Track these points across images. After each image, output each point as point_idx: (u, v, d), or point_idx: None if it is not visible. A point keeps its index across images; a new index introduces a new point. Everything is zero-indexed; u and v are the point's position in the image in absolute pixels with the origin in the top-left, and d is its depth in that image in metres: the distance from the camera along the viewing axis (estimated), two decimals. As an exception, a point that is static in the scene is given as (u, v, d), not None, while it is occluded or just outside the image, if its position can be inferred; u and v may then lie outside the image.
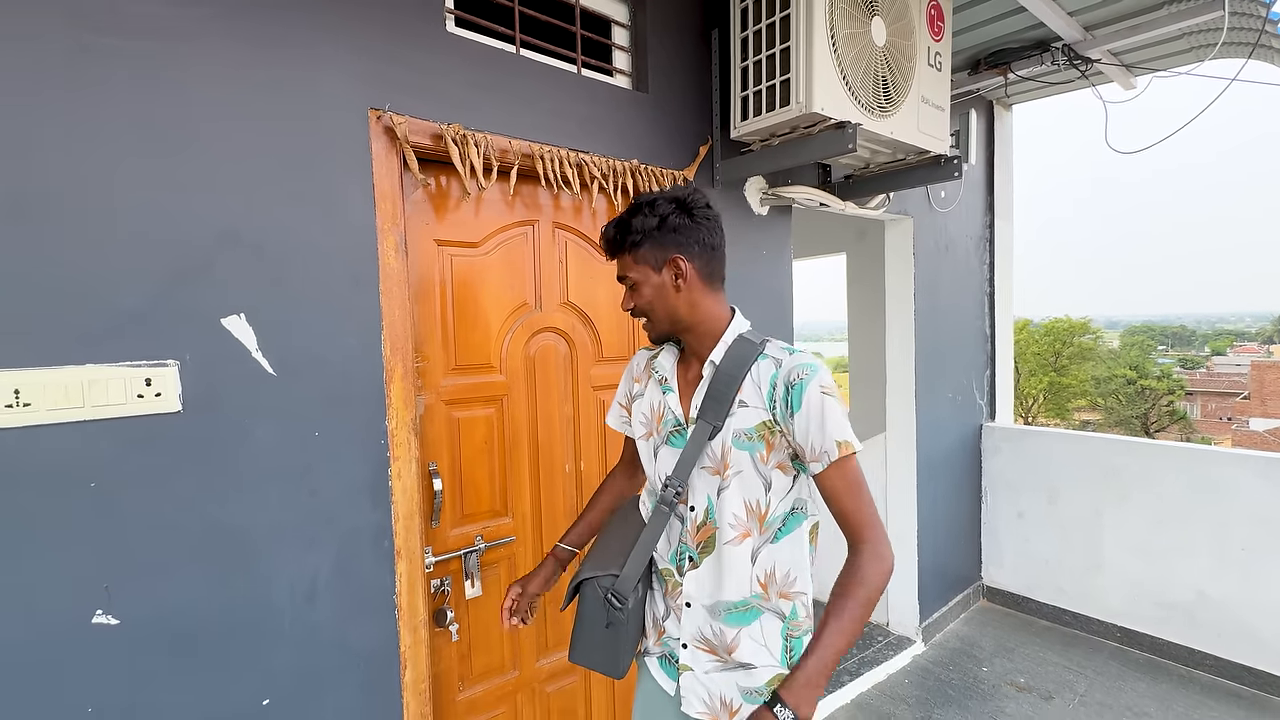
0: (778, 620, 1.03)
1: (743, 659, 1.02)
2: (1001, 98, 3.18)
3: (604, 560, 1.10)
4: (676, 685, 1.07)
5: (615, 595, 1.05)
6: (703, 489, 1.03)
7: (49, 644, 0.97)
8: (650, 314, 1.05)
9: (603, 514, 1.28)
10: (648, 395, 1.14)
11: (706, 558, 1.03)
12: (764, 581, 1.02)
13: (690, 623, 1.05)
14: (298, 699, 1.19)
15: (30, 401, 0.94)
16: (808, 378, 0.96)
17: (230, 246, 1.11)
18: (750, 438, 0.99)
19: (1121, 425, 27.69)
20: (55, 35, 0.95)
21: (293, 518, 1.18)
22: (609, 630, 1.06)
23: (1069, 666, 2.65)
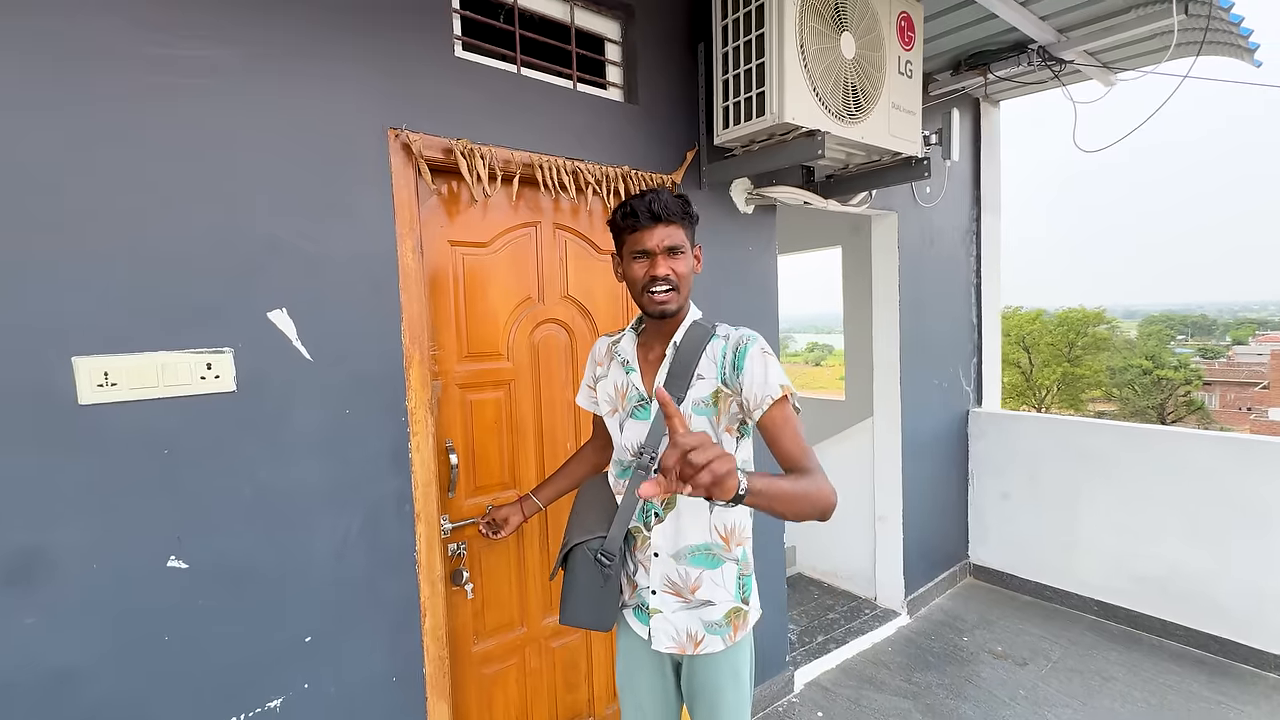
0: (734, 565, 1.23)
1: (704, 597, 1.20)
2: (990, 95, 3.30)
3: (588, 526, 1.26)
4: (648, 629, 1.24)
5: (604, 554, 1.21)
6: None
7: (134, 583, 1.17)
8: (680, 285, 1.16)
9: (570, 479, 1.48)
10: (611, 376, 1.30)
11: (670, 512, 1.20)
12: (725, 534, 1.21)
13: (658, 570, 1.22)
14: (334, 637, 1.39)
15: (117, 382, 1.14)
16: (749, 343, 1.15)
17: (274, 251, 1.30)
18: (707, 404, 1.16)
19: (1137, 416, 27.42)
20: (133, 76, 1.14)
21: (328, 483, 1.38)
22: (600, 588, 1.22)
23: (1045, 636, 2.80)
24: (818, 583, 3.40)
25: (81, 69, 1.10)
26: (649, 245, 1.14)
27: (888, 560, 3.06)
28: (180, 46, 1.19)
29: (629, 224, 1.16)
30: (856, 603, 3.13)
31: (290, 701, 1.34)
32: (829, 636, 2.79)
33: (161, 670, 1.20)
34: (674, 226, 1.15)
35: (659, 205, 1.13)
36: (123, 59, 1.14)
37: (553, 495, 1.50)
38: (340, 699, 1.41)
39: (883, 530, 3.08)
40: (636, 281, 1.18)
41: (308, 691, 1.36)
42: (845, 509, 3.29)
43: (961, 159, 3.22)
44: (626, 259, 1.20)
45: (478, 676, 1.73)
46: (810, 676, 2.54)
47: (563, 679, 1.93)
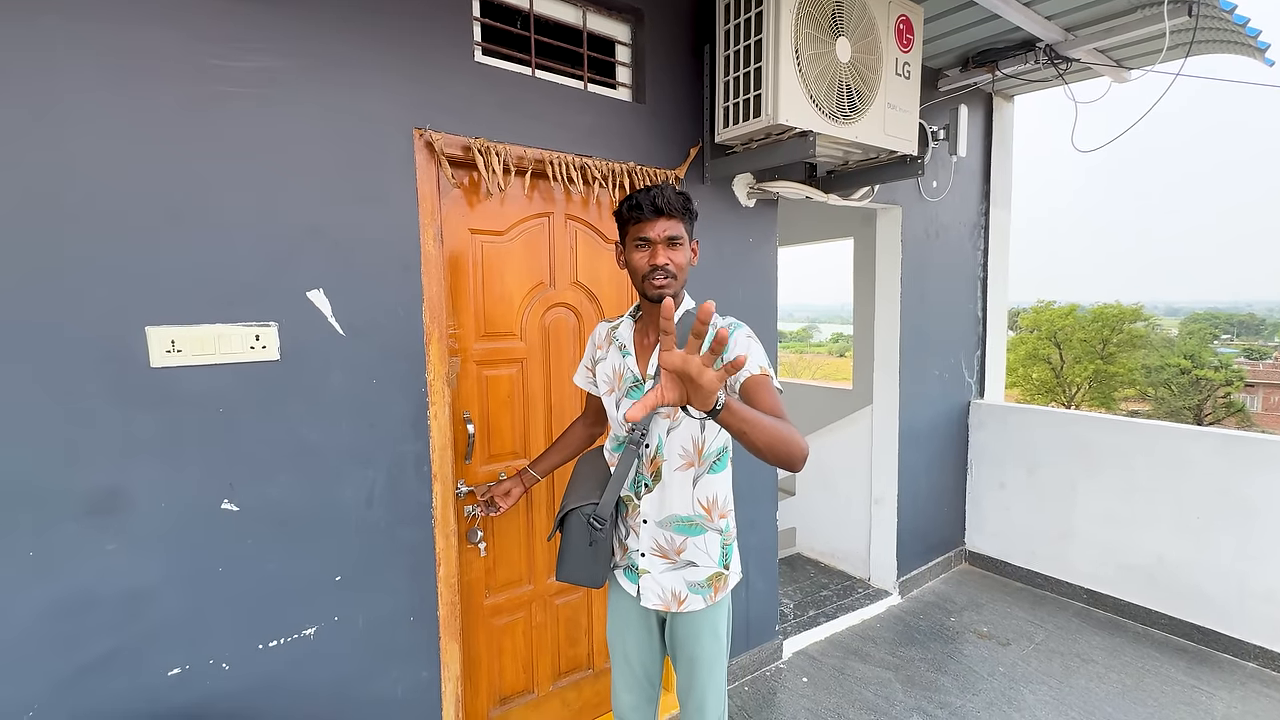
0: (717, 535, 1.37)
1: (689, 558, 1.35)
2: (1001, 90, 3.33)
3: (583, 494, 1.39)
4: (637, 587, 1.38)
5: (596, 519, 1.35)
6: (655, 430, 1.33)
7: (195, 520, 1.37)
8: (678, 275, 1.26)
9: (563, 453, 1.64)
10: (610, 359, 1.42)
11: (658, 484, 1.34)
12: (707, 506, 1.35)
13: (647, 535, 1.36)
14: (361, 578, 1.59)
15: (182, 349, 1.33)
16: (735, 329, 1.29)
17: (312, 237, 1.48)
18: None
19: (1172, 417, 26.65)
20: (198, 84, 1.32)
21: (357, 442, 1.56)
22: (591, 548, 1.36)
23: (1032, 620, 2.91)
24: (815, 562, 3.54)
25: (153, 77, 1.28)
26: (651, 235, 1.24)
27: (882, 543, 3.18)
28: (236, 58, 1.37)
29: (634, 215, 1.26)
30: (850, 582, 3.26)
31: (323, 631, 1.55)
32: (820, 611, 2.93)
33: (216, 596, 1.40)
34: (675, 220, 1.25)
35: (662, 200, 1.23)
36: (189, 69, 1.31)
37: (548, 468, 1.66)
38: (366, 632, 1.61)
39: (878, 514, 3.20)
40: (638, 269, 1.27)
41: (338, 623, 1.56)
42: (843, 492, 3.41)
43: (971, 154, 3.27)
44: (630, 247, 1.29)
45: (488, 626, 1.93)
46: (799, 646, 2.70)
47: (565, 634, 2.11)
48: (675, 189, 1.26)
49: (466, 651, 1.86)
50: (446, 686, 1.75)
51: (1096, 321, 27.16)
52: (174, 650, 1.37)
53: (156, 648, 1.35)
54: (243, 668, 1.44)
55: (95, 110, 1.23)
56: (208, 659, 1.40)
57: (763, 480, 2.51)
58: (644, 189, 1.26)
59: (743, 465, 2.36)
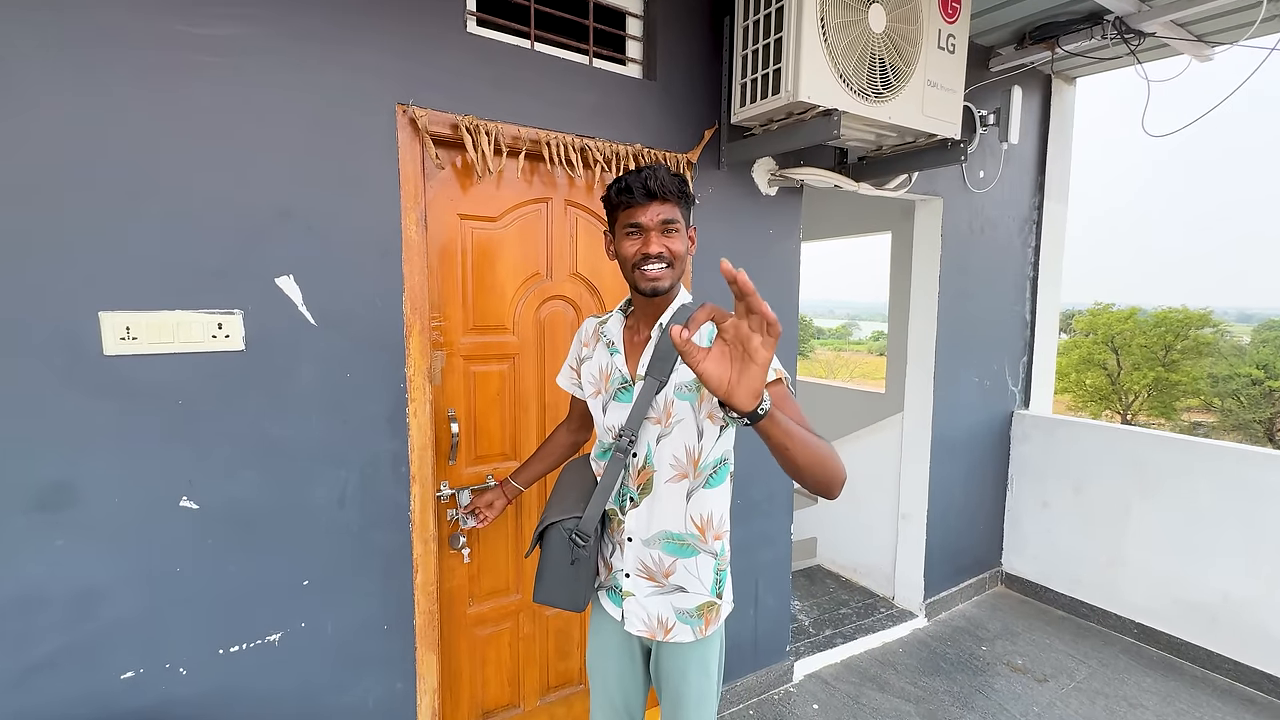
0: (710, 558, 1.20)
1: (679, 583, 1.19)
2: (1062, 71, 3.03)
3: (565, 506, 1.24)
4: (621, 611, 1.24)
5: (579, 535, 1.19)
6: (644, 438, 1.18)
7: (150, 518, 1.30)
8: (674, 263, 1.13)
9: (546, 462, 1.50)
10: (596, 358, 1.28)
11: (645, 498, 1.19)
12: (701, 525, 1.18)
13: (631, 554, 1.21)
14: (331, 583, 1.50)
15: (138, 336, 1.25)
16: None
17: (283, 220, 1.38)
18: (690, 389, 1.14)
19: (1240, 430, 24.92)
20: (159, 53, 1.23)
21: (328, 439, 1.47)
22: (573, 567, 1.20)
23: (1073, 655, 2.65)
24: (835, 576, 3.34)
25: (110, 45, 1.19)
26: (643, 220, 1.11)
27: (908, 560, 2.97)
28: (204, 25, 1.27)
29: (623, 200, 1.12)
30: (873, 600, 3.05)
31: (288, 637, 1.46)
32: (837, 631, 2.74)
33: (173, 597, 1.33)
34: (669, 204, 1.12)
35: (655, 182, 1.09)
36: (149, 36, 1.22)
37: (530, 478, 1.52)
38: (335, 640, 1.52)
39: (905, 529, 2.98)
40: (628, 258, 1.14)
41: (304, 630, 1.48)
42: (869, 504, 3.20)
43: (1025, 141, 2.99)
44: (620, 235, 1.16)
45: (471, 636, 1.82)
46: (812, 669, 2.52)
47: (555, 647, 1.99)
48: (669, 170, 1.13)
49: (446, 663, 1.76)
50: (423, 699, 1.65)
51: (1159, 326, 25.53)
52: (128, 652, 1.30)
53: (109, 649, 1.28)
54: (201, 673, 1.37)
55: (45, 78, 1.14)
56: (164, 663, 1.33)
57: (778, 489, 2.34)
58: (634, 170, 1.13)
59: (756, 472, 2.19)
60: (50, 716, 1.23)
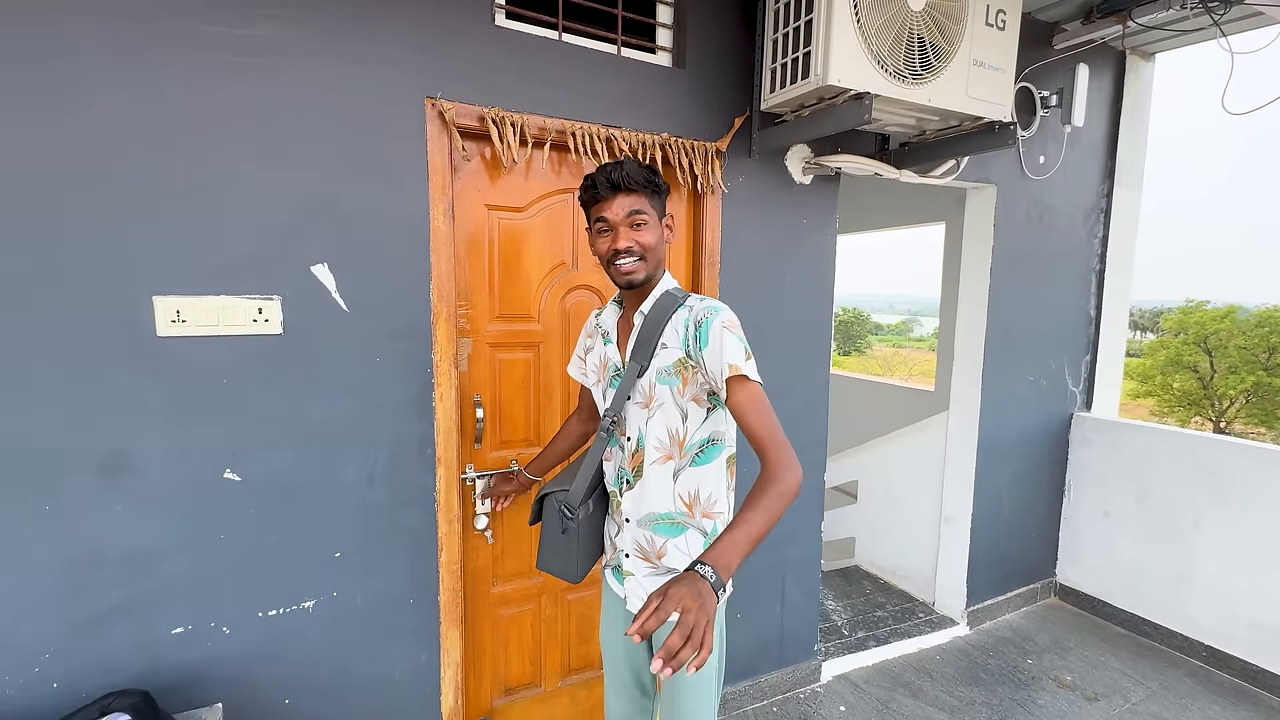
0: (700, 536, 1.22)
1: (670, 564, 1.22)
2: (1138, 46, 2.79)
3: (562, 480, 1.34)
4: (624, 589, 1.28)
5: (566, 507, 1.28)
6: (635, 421, 1.22)
7: (198, 487, 1.40)
8: (648, 255, 1.15)
9: (557, 452, 1.56)
10: (596, 349, 1.34)
11: (639, 480, 1.22)
12: (688, 502, 1.21)
13: (629, 535, 1.26)
14: (361, 556, 1.58)
15: (187, 319, 1.35)
16: (712, 316, 1.11)
17: (318, 210, 1.45)
18: (669, 373, 1.16)
19: (1356, 442, 22.40)
20: (201, 54, 1.32)
21: (359, 420, 1.54)
22: (564, 537, 1.29)
23: (1130, 674, 2.48)
24: (873, 578, 3.24)
25: (162, 47, 1.28)
26: (609, 215, 1.13)
27: (951, 565, 2.84)
28: (244, 26, 1.35)
29: (589, 195, 1.15)
30: (911, 604, 2.95)
31: (320, 605, 1.55)
32: (870, 634, 2.67)
33: (218, 561, 1.44)
34: (636, 195, 1.13)
35: (619, 175, 1.11)
36: (197, 39, 1.31)
37: (542, 468, 1.59)
38: (364, 610, 1.60)
39: (948, 532, 2.85)
40: (602, 255, 1.18)
41: (336, 599, 1.57)
42: (910, 505, 3.09)
43: (1093, 123, 2.78)
44: (592, 231, 1.19)
45: (494, 615, 1.88)
46: (841, 670, 2.46)
47: (576, 630, 2.03)
48: (636, 161, 1.15)
49: (469, 639, 1.82)
50: (446, 672, 1.72)
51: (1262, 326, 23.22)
52: (178, 609, 1.41)
53: (161, 606, 1.40)
54: (242, 633, 1.48)
55: (103, 80, 1.25)
56: (209, 621, 1.44)
57: (808, 486, 2.29)
58: (601, 165, 1.15)
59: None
60: (110, 661, 1.35)
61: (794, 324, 2.18)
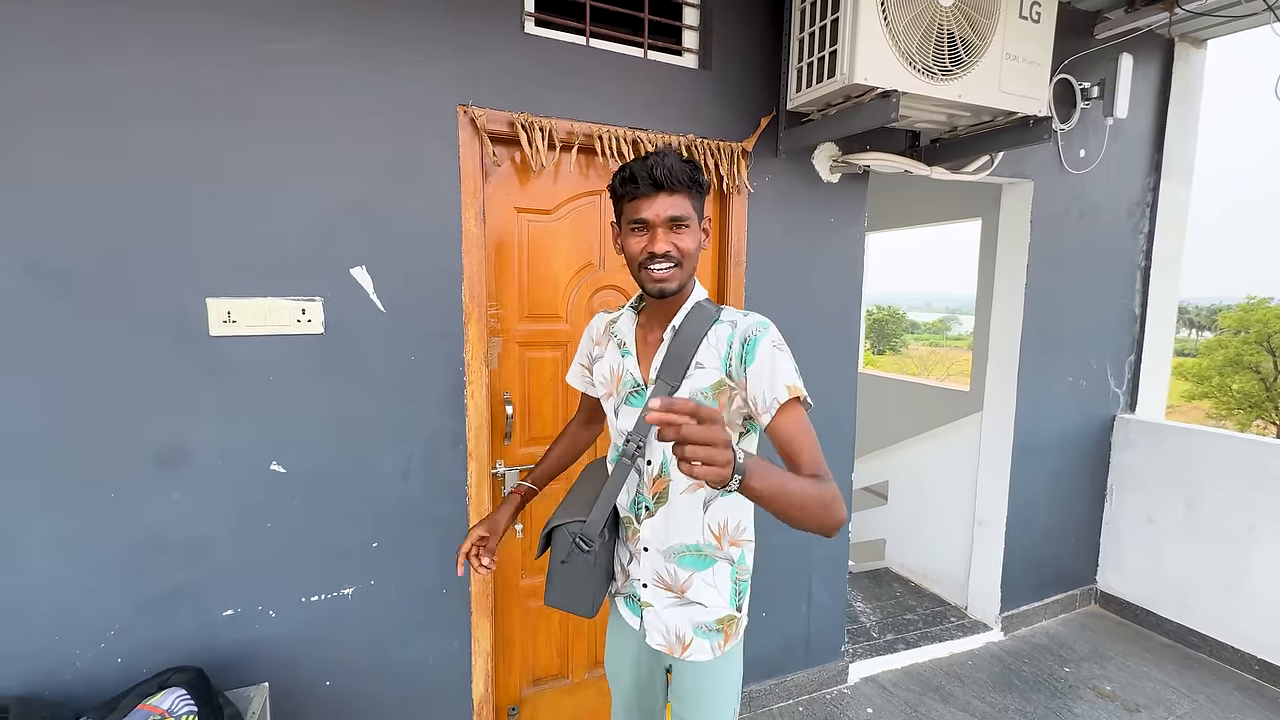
0: (728, 565, 1.14)
1: (695, 597, 1.12)
2: (1188, 33, 2.68)
3: (573, 509, 1.17)
4: (640, 620, 1.17)
5: (583, 539, 1.11)
6: (659, 445, 1.09)
7: (247, 478, 1.49)
8: (684, 261, 1.04)
9: (558, 460, 1.40)
10: (607, 358, 1.20)
11: (661, 507, 1.11)
12: (718, 533, 1.12)
13: (648, 565, 1.15)
14: (396, 547, 1.65)
15: (236, 319, 1.43)
16: (760, 334, 1.02)
17: (357, 215, 1.52)
18: (706, 396, 1.05)
19: None
20: (250, 67, 1.40)
21: (395, 416, 1.61)
22: (578, 570, 1.13)
23: (1175, 686, 2.39)
24: (903, 580, 3.19)
25: (213, 63, 1.37)
26: (648, 216, 1.01)
27: (984, 568, 2.78)
28: (289, 40, 1.42)
29: (627, 191, 1.03)
30: (942, 608, 2.90)
31: (359, 592, 1.63)
32: (899, 636, 2.63)
33: (264, 549, 1.52)
34: (679, 196, 1.01)
35: (661, 170, 0.98)
36: (241, 53, 1.39)
37: (543, 477, 1.40)
38: (399, 599, 1.67)
39: (982, 536, 2.79)
40: (634, 257, 1.05)
41: (373, 587, 1.64)
42: (942, 507, 3.04)
43: (1138, 114, 2.68)
44: (624, 229, 1.07)
45: (523, 608, 1.93)
46: (869, 672, 2.44)
47: (603, 626, 2.07)
48: (679, 155, 1.02)
49: (499, 629, 1.88)
50: (477, 660, 1.78)
51: (1333, 324, 21.83)
52: (228, 592, 1.50)
53: (214, 588, 1.49)
54: (288, 616, 1.56)
55: (161, 95, 1.33)
56: (257, 604, 1.53)
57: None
58: (640, 157, 1.03)
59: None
60: (167, 641, 1.45)
61: (822, 324, 2.17)
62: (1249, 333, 22.00)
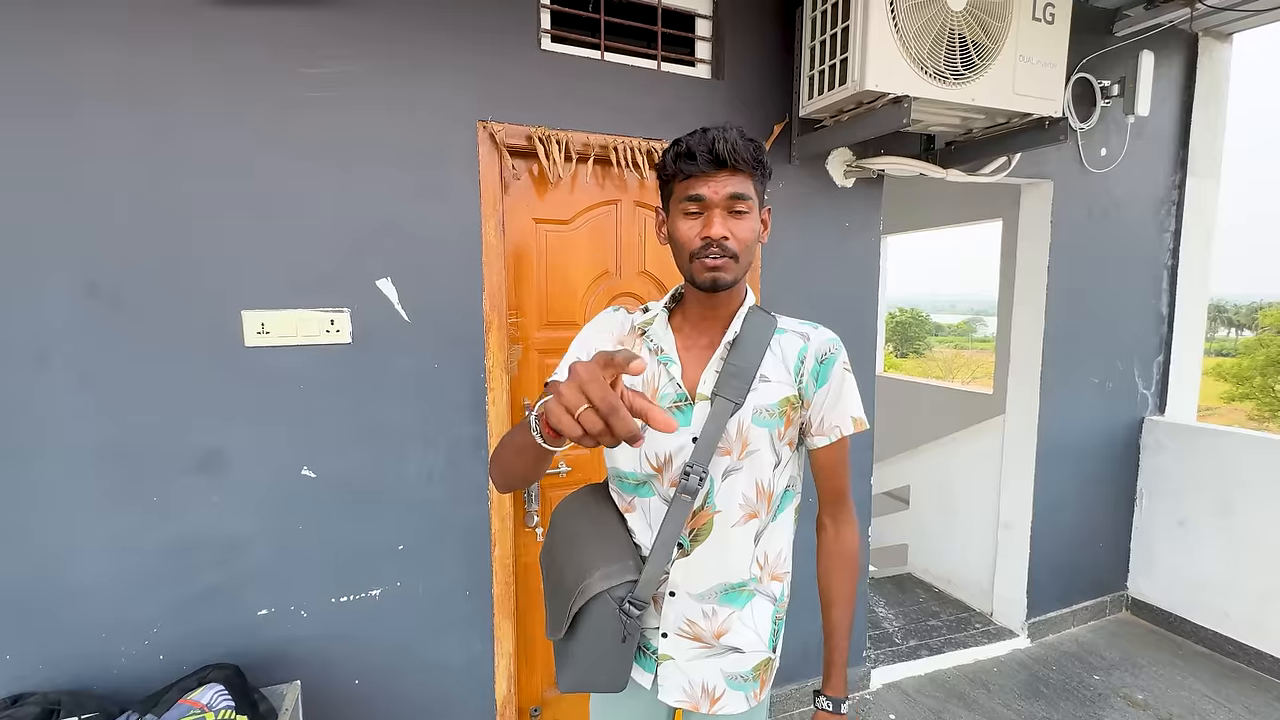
0: (769, 603, 1.00)
1: (732, 643, 0.98)
2: (1211, 27, 2.64)
3: (605, 566, 0.92)
4: (654, 676, 1.00)
5: (633, 603, 0.91)
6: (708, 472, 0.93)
7: (280, 483, 1.55)
8: (741, 253, 0.89)
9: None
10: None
11: (699, 545, 0.95)
12: (762, 564, 0.99)
13: (673, 611, 0.97)
14: (421, 550, 1.70)
15: (270, 330, 1.50)
16: (836, 353, 0.96)
17: (382, 229, 1.58)
18: (771, 414, 0.93)
19: None
20: (285, 91, 1.47)
21: (419, 422, 1.66)
22: (624, 645, 0.92)
23: (1211, 697, 2.32)
24: (927, 586, 3.15)
25: (250, 88, 1.44)
26: (706, 193, 0.87)
27: (1009, 574, 2.74)
28: (319, 64, 1.49)
29: (682, 168, 0.88)
30: (967, 614, 2.86)
31: (387, 593, 1.68)
32: (923, 643, 2.61)
33: (296, 551, 1.58)
34: (741, 175, 0.87)
35: (723, 145, 0.84)
36: (280, 79, 1.46)
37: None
38: (425, 600, 1.72)
39: (1007, 541, 2.75)
40: (685, 243, 0.89)
41: (400, 589, 1.69)
42: (965, 512, 3.00)
43: (1161, 111, 2.64)
44: (675, 212, 0.91)
45: (545, 607, 1.97)
46: (891, 678, 2.42)
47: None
48: (743, 132, 0.88)
49: (521, 631, 1.92)
50: (499, 662, 1.82)
51: (1380, 321, 20.94)
52: (263, 593, 1.56)
53: (249, 589, 1.55)
54: (318, 617, 1.61)
55: (201, 117, 1.41)
56: (289, 605, 1.59)
57: (856, 491, 2.27)
58: (699, 131, 0.87)
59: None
60: (207, 636, 1.51)
61: (838, 328, 2.14)
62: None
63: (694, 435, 0.92)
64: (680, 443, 0.93)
